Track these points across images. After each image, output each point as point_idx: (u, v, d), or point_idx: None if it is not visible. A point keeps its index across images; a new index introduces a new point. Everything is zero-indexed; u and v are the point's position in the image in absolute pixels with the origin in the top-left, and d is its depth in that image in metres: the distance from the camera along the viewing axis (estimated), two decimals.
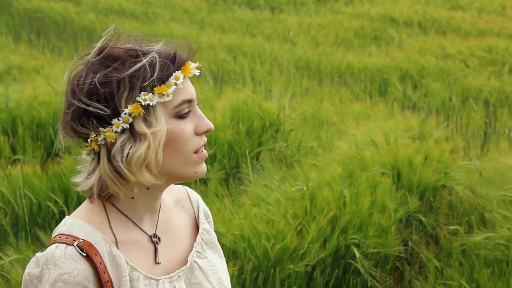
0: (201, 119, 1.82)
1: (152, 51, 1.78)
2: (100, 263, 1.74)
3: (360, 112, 9.06)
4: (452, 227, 5.84)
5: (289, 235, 4.65)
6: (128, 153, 1.74)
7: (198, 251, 1.97)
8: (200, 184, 6.09)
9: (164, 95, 1.75)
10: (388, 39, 14.20)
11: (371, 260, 5.13)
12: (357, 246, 5.09)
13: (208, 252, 2.01)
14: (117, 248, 1.80)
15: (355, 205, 5.04)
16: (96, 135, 1.77)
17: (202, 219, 2.05)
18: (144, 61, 1.75)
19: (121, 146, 1.74)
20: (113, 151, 1.75)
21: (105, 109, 1.74)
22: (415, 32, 14.75)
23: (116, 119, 1.74)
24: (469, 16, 15.93)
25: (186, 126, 1.79)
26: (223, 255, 2.08)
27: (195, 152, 1.81)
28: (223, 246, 4.73)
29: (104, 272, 1.74)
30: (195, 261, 1.95)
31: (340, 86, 11.31)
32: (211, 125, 1.84)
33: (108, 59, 1.77)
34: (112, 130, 1.75)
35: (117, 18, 15.21)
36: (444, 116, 10.07)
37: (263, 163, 6.07)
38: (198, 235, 2.00)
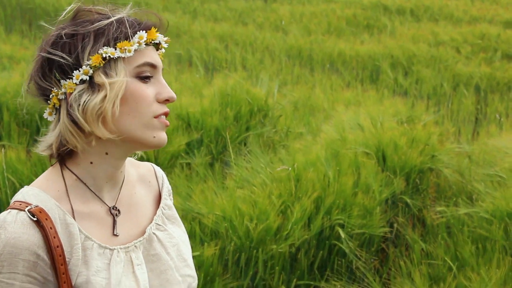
0: (164, 87, 1.83)
1: (125, 12, 1.82)
2: (51, 228, 1.73)
3: (351, 99, 9.05)
4: (439, 208, 5.83)
5: (272, 215, 4.64)
6: (85, 102, 1.74)
7: (157, 224, 1.96)
8: (185, 167, 6.08)
9: (125, 50, 1.76)
10: (381, 27, 14.20)
11: (356, 241, 5.13)
12: (342, 227, 5.08)
13: (169, 226, 1.99)
14: (73, 217, 1.79)
15: (338, 185, 5.03)
16: (57, 90, 1.78)
17: (165, 195, 2.04)
18: (113, 18, 1.78)
19: (79, 95, 1.75)
20: (69, 99, 1.75)
21: (68, 58, 1.76)
22: (408, 20, 14.75)
23: (77, 70, 1.76)
24: (462, 3, 15.92)
25: (147, 89, 1.80)
26: (185, 231, 2.07)
27: (156, 117, 1.81)
28: (204, 226, 4.72)
29: (54, 238, 1.72)
30: (154, 233, 1.93)
31: (331, 73, 11.31)
32: (173, 95, 1.84)
33: (77, 19, 1.81)
34: (72, 82, 1.76)
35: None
36: (436, 102, 10.08)
37: (250, 147, 6.06)
38: (159, 209, 1.99)
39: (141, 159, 5.78)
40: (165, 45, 1.86)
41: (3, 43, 11.77)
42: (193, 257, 4.39)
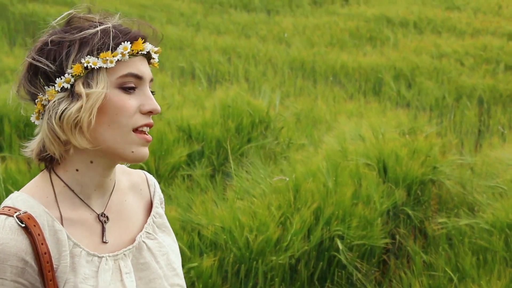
0: (148, 99, 1.82)
1: (113, 23, 1.82)
2: (39, 234, 1.72)
3: (353, 111, 9.03)
4: (440, 220, 5.81)
5: (271, 226, 4.62)
6: (61, 110, 1.75)
7: (148, 232, 1.95)
8: (186, 178, 6.07)
9: (107, 60, 1.77)
10: (384, 39, 14.19)
11: (356, 252, 5.10)
12: (342, 238, 5.06)
13: (159, 234, 1.98)
14: (61, 224, 1.78)
15: (338, 195, 5.02)
16: (42, 95, 1.79)
17: (156, 203, 2.03)
18: (98, 28, 1.78)
19: (58, 103, 1.76)
20: (48, 106, 1.76)
21: (51, 66, 1.77)
22: (411, 32, 14.74)
23: (59, 78, 1.77)
24: (465, 16, 15.92)
25: (129, 100, 1.79)
26: (176, 240, 2.06)
27: (136, 130, 1.81)
28: (203, 237, 4.71)
29: (42, 244, 1.72)
30: (143, 241, 1.93)
31: (334, 85, 11.30)
32: (157, 107, 1.83)
33: (70, 24, 1.82)
34: (55, 89, 1.77)
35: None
36: (438, 114, 10.05)
37: (250, 158, 6.05)
38: (150, 217, 1.99)
39: (141, 169, 5.74)
40: (155, 56, 1.85)
41: (6, 56, 11.79)
42: (192, 268, 4.38)
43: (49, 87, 1.78)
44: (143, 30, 1.86)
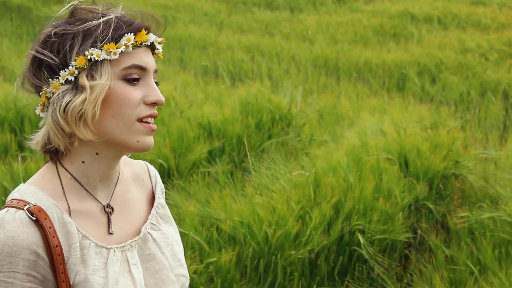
0: (152, 90, 1.82)
1: (116, 14, 1.82)
2: (50, 227, 1.72)
3: (376, 107, 8.99)
4: (463, 214, 5.76)
5: (290, 220, 4.60)
6: (66, 103, 1.75)
7: (152, 223, 1.96)
8: (207, 175, 6.07)
9: (111, 52, 1.76)
10: (408, 36, 14.11)
11: (377, 247, 5.07)
12: (363, 232, 5.03)
13: (162, 225, 1.99)
14: (70, 215, 1.79)
15: (358, 190, 4.99)
16: (46, 88, 1.78)
17: (158, 194, 2.04)
18: (101, 20, 1.78)
19: (62, 95, 1.76)
20: (52, 99, 1.76)
21: (55, 58, 1.76)
22: (435, 28, 14.64)
23: (63, 70, 1.76)
24: (490, 11, 15.79)
25: (134, 91, 1.79)
26: (177, 230, 2.08)
27: (140, 121, 1.81)
28: (222, 232, 4.70)
29: (53, 237, 1.72)
30: (149, 233, 1.94)
31: (357, 82, 11.25)
32: (161, 98, 1.83)
33: (73, 16, 1.82)
34: (59, 81, 1.77)
35: None
36: (463, 109, 9.97)
37: (271, 154, 6.04)
38: (153, 208, 2.00)
39: (161, 167, 5.73)
40: (159, 47, 1.85)
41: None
42: (211, 263, 4.37)
43: (53, 80, 1.78)
44: (147, 21, 1.86)
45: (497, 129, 9.11)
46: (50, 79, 1.78)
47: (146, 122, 1.81)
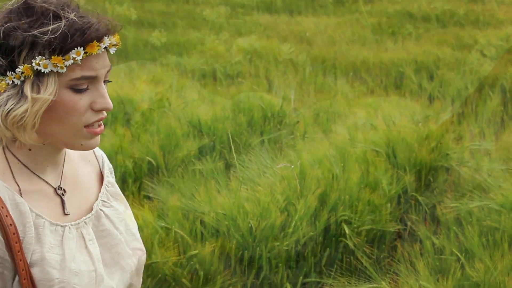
0: (101, 97, 1.79)
1: (68, 18, 1.74)
2: (2, 207, 1.73)
3: (372, 104, 8.97)
4: (452, 205, 5.74)
5: (274, 211, 4.60)
6: (8, 109, 1.72)
7: (103, 200, 1.98)
8: (197, 173, 6.06)
9: (58, 66, 1.72)
10: (405, 34, 14.10)
11: (365, 237, 5.06)
12: (350, 223, 5.02)
13: (113, 203, 2.01)
14: (21, 196, 1.79)
15: (344, 181, 4.99)
16: None
17: (107, 173, 2.05)
18: (54, 25, 1.72)
19: (6, 100, 1.73)
20: None
21: (2, 60, 1.73)
22: (433, 26, 14.63)
23: (10, 72, 1.73)
24: (488, 8, 15.77)
25: (81, 100, 1.76)
26: (129, 207, 2.08)
27: (87, 126, 1.79)
28: (206, 225, 4.70)
29: (6, 216, 1.73)
30: (101, 209, 1.95)
31: (354, 81, 11.24)
32: (109, 105, 1.80)
33: (25, 11, 1.75)
34: (5, 82, 1.74)
35: (134, 28, 15.31)
36: (460, 104, 9.95)
37: (258, 150, 6.03)
38: (103, 186, 2.01)
39: (150, 164, 5.69)
40: (113, 50, 1.79)
41: None
42: (194, 255, 4.37)
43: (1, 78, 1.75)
44: (103, 22, 1.78)
45: (495, 124, 9.09)
46: None
47: (92, 127, 1.80)
